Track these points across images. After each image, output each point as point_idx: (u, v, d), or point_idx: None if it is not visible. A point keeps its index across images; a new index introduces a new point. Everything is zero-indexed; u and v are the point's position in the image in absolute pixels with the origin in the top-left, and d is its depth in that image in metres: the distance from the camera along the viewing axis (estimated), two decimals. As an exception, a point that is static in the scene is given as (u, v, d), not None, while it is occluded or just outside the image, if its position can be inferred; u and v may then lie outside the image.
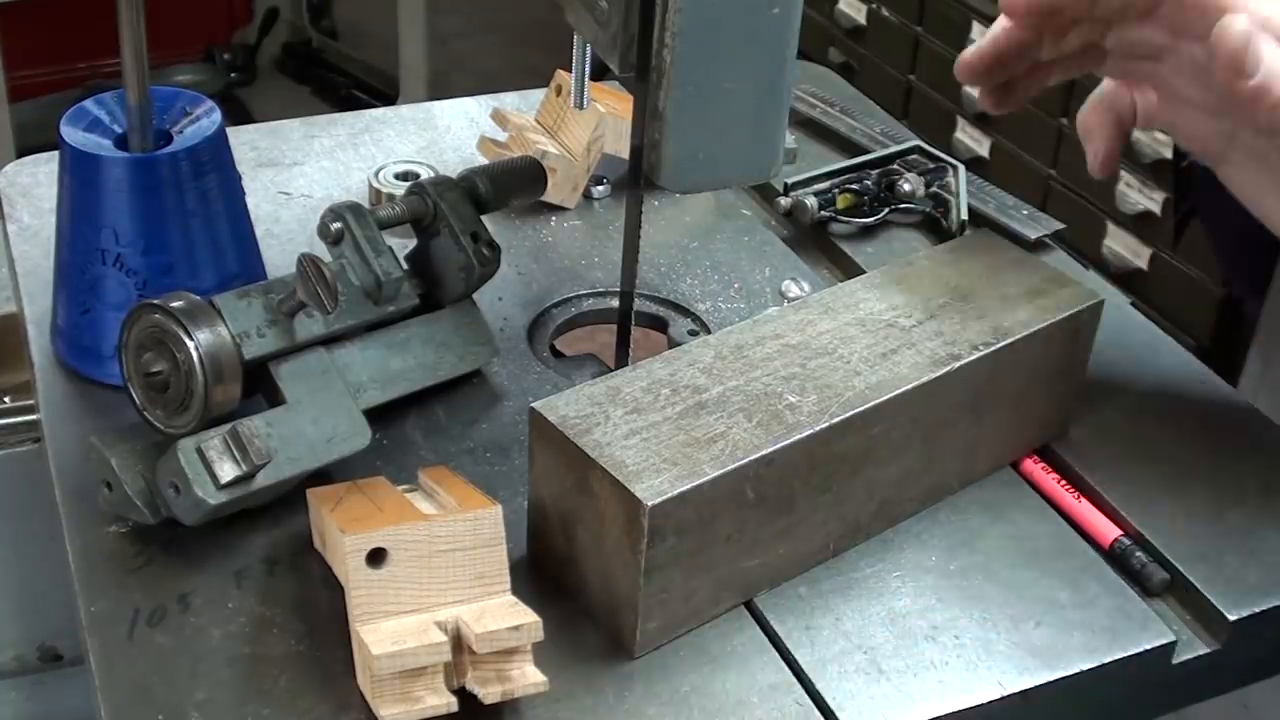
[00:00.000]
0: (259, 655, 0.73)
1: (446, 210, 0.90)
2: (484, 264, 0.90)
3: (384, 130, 1.22)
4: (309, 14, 3.44)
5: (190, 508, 0.76)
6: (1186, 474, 0.89)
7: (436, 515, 0.72)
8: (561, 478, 0.74)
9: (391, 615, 0.70)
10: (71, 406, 0.90)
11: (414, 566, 0.70)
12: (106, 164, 0.86)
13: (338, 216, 0.86)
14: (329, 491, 0.77)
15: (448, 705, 0.68)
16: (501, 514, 0.72)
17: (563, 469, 0.74)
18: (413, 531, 0.70)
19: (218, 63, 3.25)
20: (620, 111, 1.10)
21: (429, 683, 0.68)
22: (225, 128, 0.91)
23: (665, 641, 0.75)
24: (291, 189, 1.13)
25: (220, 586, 0.77)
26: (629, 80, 0.79)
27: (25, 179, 1.10)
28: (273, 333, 0.81)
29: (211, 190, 0.89)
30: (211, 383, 0.77)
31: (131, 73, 0.85)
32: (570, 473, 0.73)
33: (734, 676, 0.74)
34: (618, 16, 0.77)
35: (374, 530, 0.70)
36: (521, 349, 0.97)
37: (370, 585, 0.69)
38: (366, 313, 0.86)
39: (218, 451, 0.76)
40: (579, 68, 0.90)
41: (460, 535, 0.71)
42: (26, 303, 0.98)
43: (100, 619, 0.75)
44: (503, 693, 0.69)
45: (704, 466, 0.72)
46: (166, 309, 0.78)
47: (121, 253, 0.87)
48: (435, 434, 0.89)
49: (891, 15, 2.37)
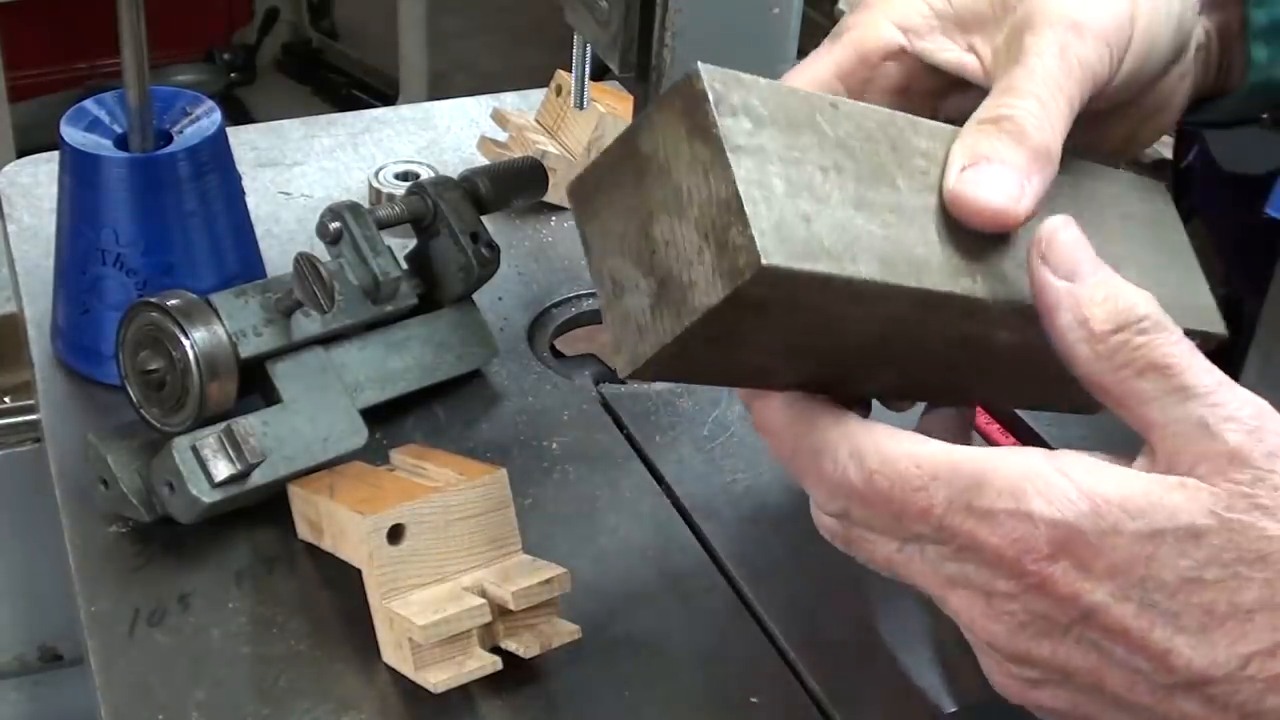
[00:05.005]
0: (259, 655, 0.73)
1: (446, 210, 0.90)
2: (484, 264, 0.90)
3: (384, 130, 1.22)
4: (309, 14, 3.44)
5: (185, 506, 0.76)
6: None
7: (448, 486, 0.74)
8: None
9: (414, 588, 0.71)
10: (71, 406, 0.90)
11: (432, 538, 0.72)
12: (106, 164, 0.86)
13: (336, 216, 0.86)
14: (316, 481, 0.78)
15: (493, 664, 0.70)
16: (507, 477, 0.74)
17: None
18: (428, 504, 0.72)
19: (218, 63, 3.25)
20: (620, 111, 1.10)
21: (466, 647, 0.70)
22: (225, 128, 0.91)
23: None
24: (291, 189, 1.13)
25: (220, 586, 0.77)
26: (629, 80, 0.79)
27: (25, 179, 1.10)
28: (269, 332, 0.81)
29: (211, 190, 0.89)
30: (207, 381, 0.77)
31: (131, 73, 0.85)
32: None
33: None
34: (618, 16, 0.77)
35: (390, 508, 0.71)
36: (521, 349, 0.97)
37: (392, 561, 0.71)
38: (365, 312, 0.86)
39: (212, 450, 0.76)
40: (579, 68, 0.90)
41: (472, 502, 0.73)
42: (26, 303, 0.98)
43: (100, 619, 0.75)
44: (540, 646, 0.71)
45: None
46: (163, 307, 0.78)
47: (121, 253, 0.87)
48: (435, 434, 0.89)
49: (892, 15, 2.36)
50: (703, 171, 0.54)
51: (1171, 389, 0.53)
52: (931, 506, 0.54)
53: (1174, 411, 0.53)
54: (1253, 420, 0.52)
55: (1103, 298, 0.54)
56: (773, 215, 0.52)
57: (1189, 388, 0.53)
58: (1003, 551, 0.52)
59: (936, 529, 0.54)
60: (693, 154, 0.54)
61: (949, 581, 0.55)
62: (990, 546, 0.53)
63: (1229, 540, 0.51)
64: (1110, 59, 0.60)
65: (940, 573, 0.55)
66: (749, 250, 0.51)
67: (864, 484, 0.55)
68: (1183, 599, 0.52)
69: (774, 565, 0.81)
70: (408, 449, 0.82)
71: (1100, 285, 0.54)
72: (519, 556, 0.74)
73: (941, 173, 0.57)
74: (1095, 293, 0.54)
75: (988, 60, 0.63)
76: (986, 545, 0.53)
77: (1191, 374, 0.53)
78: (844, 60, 0.64)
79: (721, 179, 0.53)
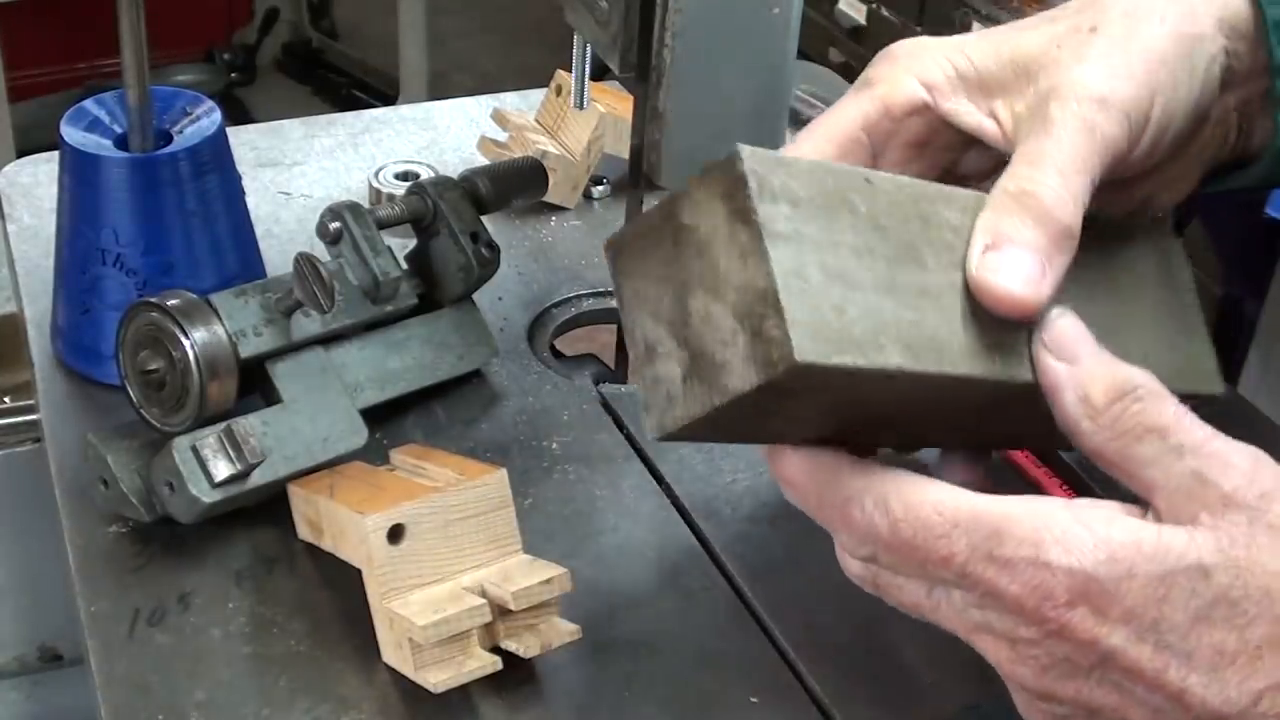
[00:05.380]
0: (259, 655, 0.73)
1: (446, 210, 0.90)
2: (484, 264, 0.90)
3: (384, 130, 1.22)
4: (309, 14, 3.44)
5: (185, 506, 0.76)
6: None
7: (448, 486, 0.74)
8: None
9: (414, 588, 0.71)
10: (71, 406, 0.90)
11: (432, 538, 0.72)
12: (106, 164, 0.86)
13: (336, 216, 0.86)
14: (316, 481, 0.78)
15: (493, 664, 0.70)
16: (507, 477, 0.74)
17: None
18: (428, 504, 0.72)
19: (218, 63, 3.26)
20: (620, 111, 1.10)
21: (466, 647, 0.70)
22: (225, 128, 0.91)
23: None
24: (291, 189, 1.13)
25: (220, 586, 0.77)
26: (629, 80, 0.79)
27: (25, 179, 1.10)
28: (269, 332, 0.81)
29: (211, 190, 0.89)
30: (207, 381, 0.77)
31: (131, 73, 0.85)
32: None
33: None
34: (618, 16, 0.77)
35: (391, 508, 0.71)
36: (521, 349, 0.97)
37: (393, 561, 0.71)
38: (365, 312, 0.86)
39: (212, 450, 0.76)
40: (579, 68, 0.91)
41: (472, 502, 0.73)
42: (26, 303, 0.98)
43: (100, 619, 0.75)
44: (541, 646, 0.71)
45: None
46: (163, 307, 0.78)
47: (121, 253, 0.87)
48: (435, 434, 0.89)
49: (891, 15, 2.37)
50: (740, 255, 0.55)
51: (1169, 449, 0.56)
52: (954, 554, 0.56)
53: (1173, 469, 0.56)
54: (1245, 464, 0.55)
55: (1100, 375, 0.58)
56: (807, 308, 0.54)
57: (1183, 445, 0.56)
58: (1023, 600, 0.55)
59: (959, 575, 0.56)
60: (732, 236, 0.55)
61: (976, 627, 0.58)
62: (1011, 595, 0.55)
63: (1235, 578, 0.54)
64: (1131, 134, 0.62)
65: (967, 619, 0.58)
66: (783, 345, 0.53)
67: (889, 531, 0.57)
68: (1194, 639, 0.54)
69: (774, 565, 0.81)
70: (408, 449, 0.82)
71: (1099, 364, 0.58)
72: (519, 556, 0.74)
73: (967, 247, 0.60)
74: (1095, 371, 0.58)
75: (1007, 126, 0.65)
76: (1007, 593, 0.55)
77: (1185, 432, 0.56)
78: (871, 113, 0.66)
79: (759, 268, 0.54)
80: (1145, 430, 0.56)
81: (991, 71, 0.65)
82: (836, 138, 0.66)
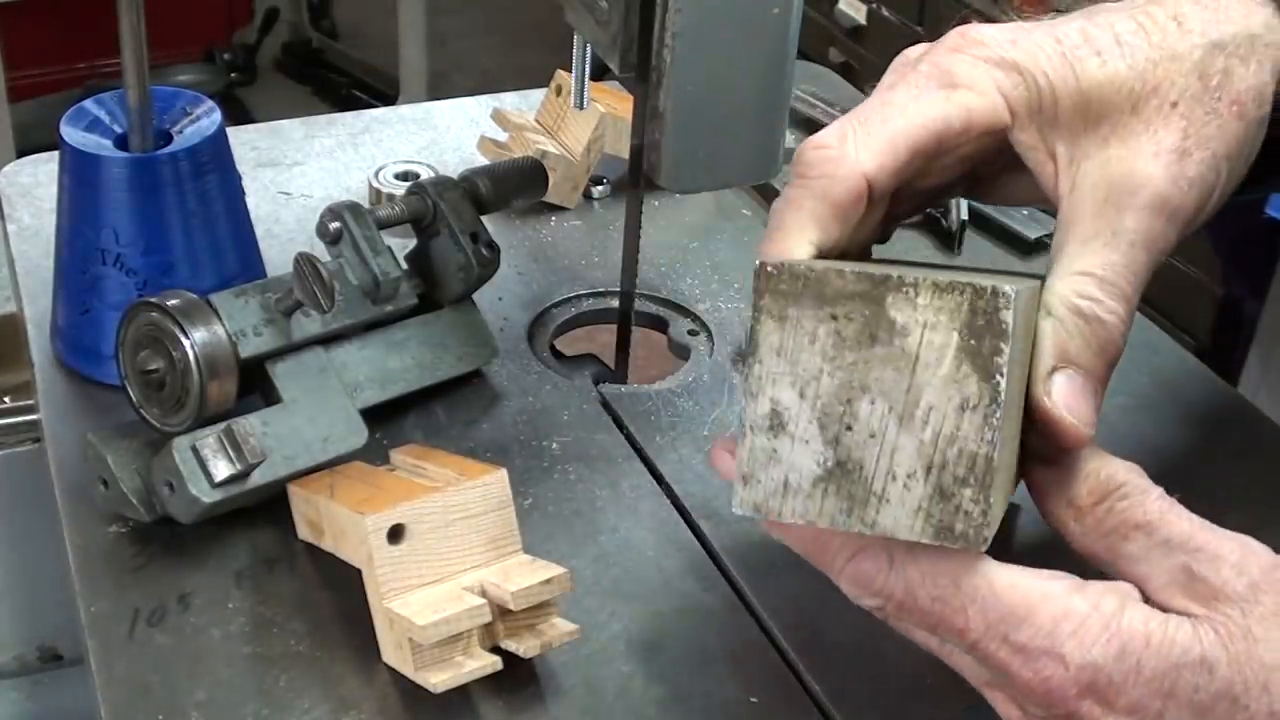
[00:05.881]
0: (259, 655, 0.73)
1: (446, 210, 0.90)
2: (484, 264, 0.90)
3: (384, 130, 1.22)
4: (309, 14, 3.45)
5: (185, 506, 0.76)
6: (1186, 474, 0.89)
7: (448, 486, 0.74)
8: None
9: (414, 588, 0.71)
10: (71, 406, 0.90)
11: (432, 538, 0.72)
12: (106, 164, 0.86)
13: (336, 216, 0.86)
14: (316, 481, 0.78)
15: (493, 664, 0.70)
16: (507, 477, 0.74)
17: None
18: (429, 504, 0.72)
19: (218, 63, 3.26)
20: (620, 111, 1.10)
21: (466, 647, 0.70)
22: (225, 128, 0.91)
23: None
24: (291, 189, 1.13)
25: (220, 586, 0.77)
26: (629, 80, 0.79)
27: (25, 179, 1.10)
28: (269, 331, 0.81)
29: (211, 190, 0.89)
30: (207, 381, 0.77)
31: (131, 73, 0.85)
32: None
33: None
34: (618, 16, 0.77)
35: (390, 508, 0.71)
36: (521, 349, 0.97)
37: (393, 562, 0.71)
38: (365, 312, 0.86)
39: (212, 450, 0.76)
40: (579, 68, 0.91)
41: (473, 502, 0.73)
42: (26, 303, 0.98)
43: (100, 619, 0.75)
44: (540, 646, 0.71)
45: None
46: (163, 307, 0.78)
47: (121, 253, 0.87)
48: (435, 434, 0.89)
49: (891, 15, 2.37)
50: (962, 405, 0.49)
51: (1155, 544, 0.57)
52: (968, 629, 0.56)
53: (1162, 565, 0.57)
54: (1233, 556, 0.56)
55: (1084, 475, 0.59)
56: (1003, 486, 0.52)
57: (1170, 540, 0.57)
58: (1034, 687, 0.56)
59: (970, 647, 0.57)
60: (958, 377, 0.49)
61: (988, 684, 0.59)
62: (1022, 680, 0.56)
63: (1236, 672, 0.55)
64: (1180, 236, 0.63)
65: (978, 674, 0.59)
66: (977, 525, 0.50)
67: (904, 594, 0.57)
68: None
69: (774, 565, 0.81)
70: (408, 449, 0.82)
71: (1085, 462, 0.59)
72: (519, 556, 0.74)
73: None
74: (1080, 470, 0.59)
75: (1063, 177, 0.64)
76: (1019, 677, 0.56)
77: (1170, 526, 0.57)
78: (954, 124, 0.63)
79: (980, 431, 0.49)
80: (1132, 528, 0.58)
81: (1064, 104, 0.63)
82: (913, 143, 0.62)
